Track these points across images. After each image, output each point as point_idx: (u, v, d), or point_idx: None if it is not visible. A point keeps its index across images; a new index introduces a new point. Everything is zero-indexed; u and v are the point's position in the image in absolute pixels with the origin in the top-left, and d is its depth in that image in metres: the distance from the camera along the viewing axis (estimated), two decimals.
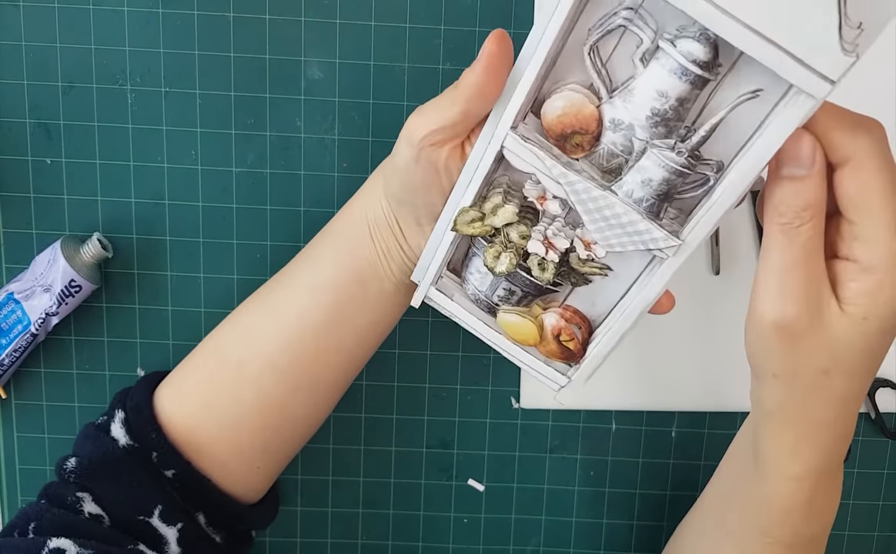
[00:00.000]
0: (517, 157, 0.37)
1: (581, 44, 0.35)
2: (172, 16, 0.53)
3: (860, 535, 0.60)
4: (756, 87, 0.33)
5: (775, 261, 0.35)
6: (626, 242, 0.36)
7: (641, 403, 0.58)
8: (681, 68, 0.33)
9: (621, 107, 0.35)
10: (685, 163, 0.34)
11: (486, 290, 0.42)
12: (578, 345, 0.41)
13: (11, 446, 0.58)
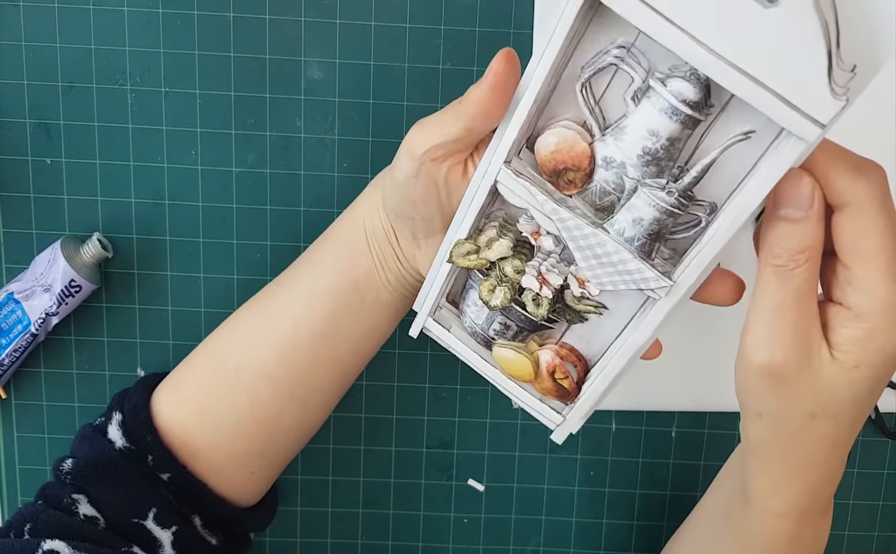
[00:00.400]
0: (510, 191, 0.37)
1: (574, 80, 0.35)
2: (172, 16, 0.53)
3: (860, 535, 0.60)
4: (748, 129, 0.33)
5: (767, 302, 0.34)
6: (617, 281, 0.36)
7: (641, 403, 0.58)
8: (671, 108, 0.33)
9: (613, 145, 0.35)
10: (675, 203, 0.34)
11: (482, 323, 0.41)
12: (573, 384, 0.41)
13: (11, 446, 0.58)
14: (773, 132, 0.32)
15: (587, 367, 0.41)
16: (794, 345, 0.34)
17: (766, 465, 0.38)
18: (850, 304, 0.34)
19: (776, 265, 0.34)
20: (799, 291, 0.34)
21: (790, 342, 0.34)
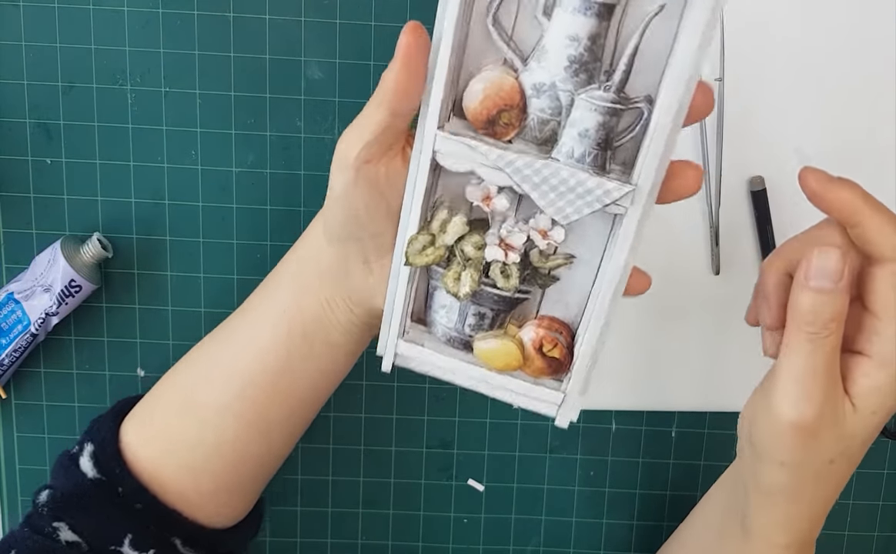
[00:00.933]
0: (451, 156, 0.35)
1: (483, 21, 0.34)
2: (172, 16, 0.53)
3: (860, 535, 0.60)
4: (660, 3, 0.32)
5: (799, 366, 0.36)
6: (580, 206, 0.34)
7: (641, 403, 0.58)
8: (583, 3, 0.33)
9: (538, 69, 0.34)
10: (615, 98, 0.34)
11: (455, 324, 0.39)
12: (564, 350, 0.39)
13: (11, 446, 0.58)
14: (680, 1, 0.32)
15: (572, 331, 0.39)
16: (825, 403, 0.36)
17: (777, 504, 0.40)
18: (874, 353, 0.37)
19: (810, 333, 0.36)
20: (829, 355, 0.36)
21: (821, 401, 0.36)
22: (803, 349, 0.36)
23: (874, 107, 0.54)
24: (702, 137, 0.53)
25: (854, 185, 0.37)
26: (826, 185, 0.37)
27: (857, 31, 0.53)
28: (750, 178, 0.54)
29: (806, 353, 0.36)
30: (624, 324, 0.56)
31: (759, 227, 0.55)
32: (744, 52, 0.53)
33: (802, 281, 0.36)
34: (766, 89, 0.54)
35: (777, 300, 0.39)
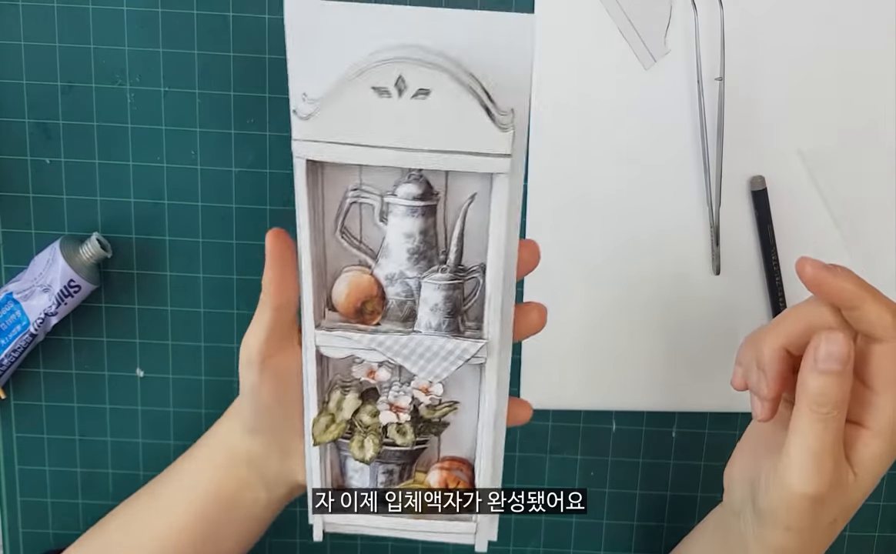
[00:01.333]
0: (332, 347, 0.41)
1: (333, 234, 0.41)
2: (171, 15, 0.53)
3: (860, 535, 0.60)
4: (471, 192, 0.39)
5: (811, 444, 0.39)
6: (447, 366, 0.41)
7: (641, 403, 0.58)
8: (409, 209, 0.39)
9: (387, 263, 0.41)
10: (451, 276, 0.40)
11: (370, 484, 0.44)
12: (468, 483, 0.44)
13: (10, 446, 0.58)
14: (488, 184, 0.38)
15: (471, 465, 0.44)
16: (833, 476, 0.39)
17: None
18: (872, 424, 0.40)
19: (822, 413, 0.39)
20: (838, 431, 0.39)
21: (830, 474, 0.39)
22: (816, 428, 0.39)
23: (875, 106, 0.54)
24: (702, 137, 0.53)
25: (850, 273, 0.40)
26: (825, 276, 0.39)
27: (857, 30, 0.53)
28: (750, 178, 0.54)
29: (818, 432, 0.39)
30: (624, 324, 0.56)
31: (759, 227, 0.55)
32: (744, 52, 0.53)
33: (812, 365, 0.38)
34: (766, 89, 0.54)
35: (774, 373, 0.41)
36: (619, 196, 0.55)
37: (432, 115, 0.36)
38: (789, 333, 0.41)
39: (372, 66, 0.36)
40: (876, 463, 0.40)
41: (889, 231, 0.55)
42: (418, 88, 0.36)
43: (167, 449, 0.58)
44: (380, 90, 0.36)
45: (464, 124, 0.36)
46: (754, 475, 0.43)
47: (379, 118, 0.36)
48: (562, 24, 0.53)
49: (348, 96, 0.36)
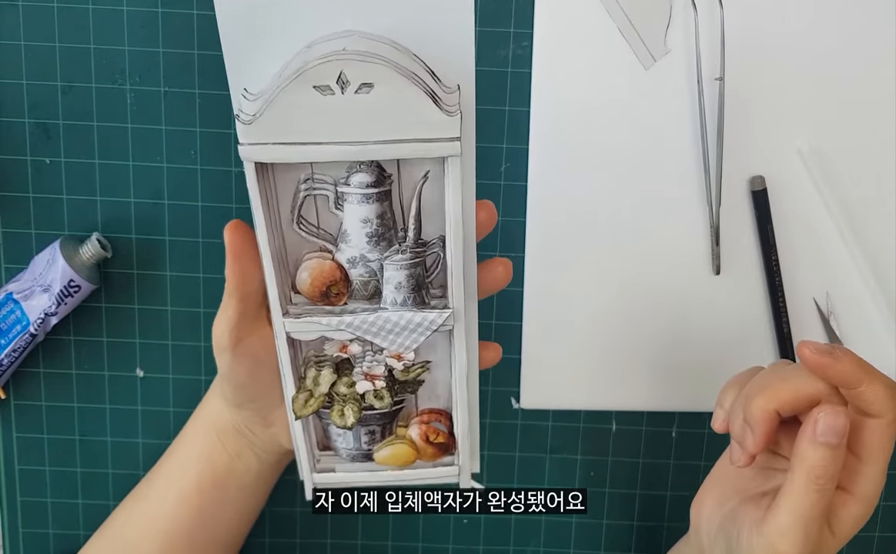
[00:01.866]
0: (302, 332, 0.42)
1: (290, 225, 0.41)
2: (172, 15, 0.53)
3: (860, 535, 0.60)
4: (424, 171, 0.40)
5: (804, 512, 0.40)
6: (416, 338, 0.42)
7: (641, 403, 0.58)
8: (363, 196, 0.40)
9: (347, 248, 0.42)
10: (411, 255, 0.41)
11: (354, 444, 0.46)
12: (446, 434, 0.45)
13: (10, 446, 0.58)
14: (440, 163, 0.39)
15: (449, 414, 0.45)
16: (817, 541, 0.41)
17: None
18: (856, 491, 0.42)
19: (819, 484, 0.40)
20: (827, 500, 0.40)
21: (815, 540, 0.41)
22: (810, 498, 0.40)
23: (875, 106, 0.54)
24: (702, 137, 0.53)
25: (850, 354, 0.41)
26: (828, 362, 0.40)
27: (857, 30, 0.53)
28: (750, 178, 0.54)
29: (812, 501, 0.40)
30: (624, 324, 0.56)
31: (759, 227, 0.55)
32: (744, 52, 0.53)
33: (812, 436, 0.40)
34: (766, 89, 0.54)
35: (762, 432, 0.42)
36: (618, 196, 0.55)
37: (378, 107, 0.36)
38: (782, 399, 0.41)
39: (311, 66, 0.35)
40: (854, 526, 0.42)
41: (889, 231, 0.55)
42: (361, 83, 0.36)
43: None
44: (322, 88, 0.36)
45: (411, 113, 0.36)
46: (727, 522, 0.45)
47: (324, 115, 0.36)
48: (562, 24, 0.53)
49: (290, 97, 0.36)
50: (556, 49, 0.53)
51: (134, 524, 0.51)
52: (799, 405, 0.41)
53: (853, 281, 0.56)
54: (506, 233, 0.55)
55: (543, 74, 0.53)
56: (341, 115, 0.36)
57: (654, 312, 0.56)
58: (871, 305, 0.56)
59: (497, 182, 0.55)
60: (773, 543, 0.41)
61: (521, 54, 0.54)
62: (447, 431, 0.45)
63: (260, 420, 0.47)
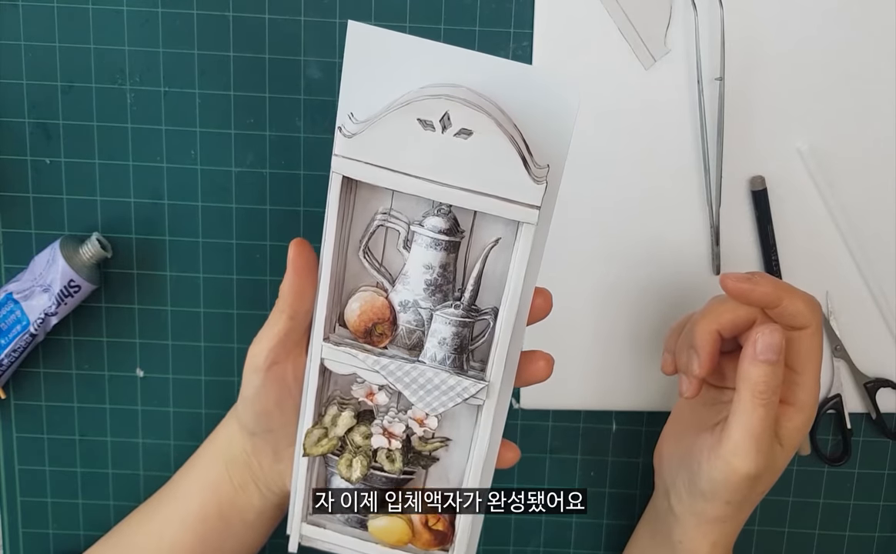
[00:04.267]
0: (336, 362, 0.42)
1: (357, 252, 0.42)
2: (172, 15, 0.53)
3: (860, 535, 0.60)
4: (496, 237, 0.41)
5: (754, 427, 0.43)
6: (445, 401, 0.41)
7: (641, 403, 0.58)
8: (433, 241, 0.41)
9: (403, 290, 0.42)
10: (464, 314, 0.41)
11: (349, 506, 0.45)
12: (447, 524, 0.44)
13: (11, 446, 0.58)
14: (513, 230, 0.40)
15: None
16: (769, 453, 0.44)
17: (713, 530, 0.48)
18: (795, 401, 0.45)
19: (763, 399, 0.43)
20: (773, 414, 0.44)
21: (768, 453, 0.44)
22: (757, 412, 0.43)
23: (875, 106, 0.54)
24: (702, 137, 0.53)
25: (766, 276, 0.45)
26: (747, 286, 0.44)
27: (857, 29, 0.53)
28: (750, 178, 0.54)
29: (760, 416, 0.43)
30: (624, 324, 0.56)
31: (759, 227, 0.55)
32: (744, 52, 0.53)
33: (753, 355, 0.43)
34: (766, 89, 0.54)
35: (707, 353, 0.45)
36: (618, 196, 0.55)
37: (471, 154, 0.37)
38: (721, 319, 0.45)
39: (421, 98, 0.37)
40: (799, 434, 0.46)
41: (889, 231, 0.55)
42: (461, 127, 0.37)
43: (167, 449, 0.58)
44: (424, 123, 0.37)
45: (500, 169, 0.37)
46: (685, 454, 0.48)
47: (419, 149, 0.38)
48: (562, 24, 0.53)
49: (393, 123, 0.37)
50: (556, 49, 0.53)
51: (137, 544, 0.51)
52: (738, 325, 0.45)
53: (853, 281, 0.56)
54: None
55: None
56: (435, 153, 0.38)
57: (655, 312, 0.56)
58: (871, 305, 0.56)
59: None
60: (729, 460, 0.44)
61: (521, 54, 0.54)
62: (448, 521, 0.44)
63: (271, 453, 0.46)
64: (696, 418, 0.49)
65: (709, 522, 0.48)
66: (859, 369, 0.56)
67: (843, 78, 0.54)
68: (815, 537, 0.60)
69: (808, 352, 0.45)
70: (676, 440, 0.50)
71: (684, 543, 0.49)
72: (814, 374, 0.45)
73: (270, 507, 0.49)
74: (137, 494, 0.58)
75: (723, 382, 0.48)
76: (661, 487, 0.51)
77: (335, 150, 0.38)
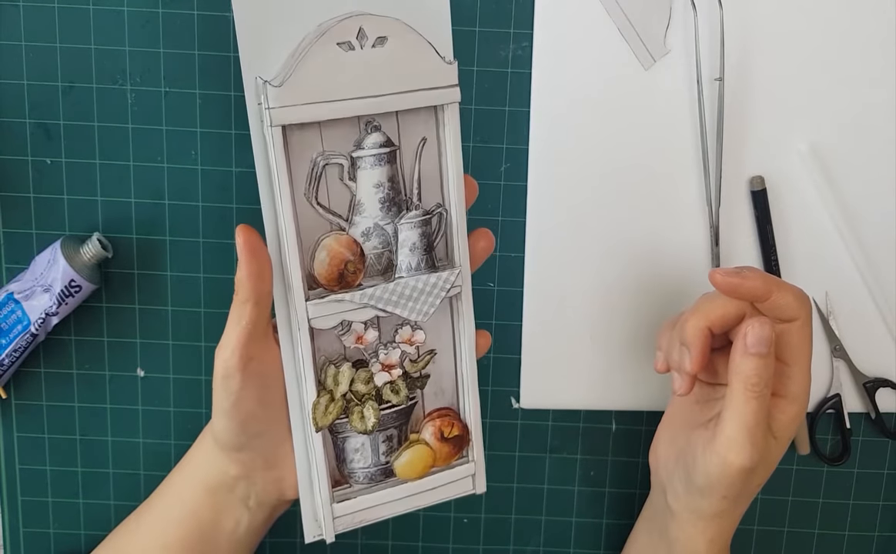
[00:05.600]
0: (325, 316, 0.42)
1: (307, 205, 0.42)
2: (172, 16, 0.53)
3: (860, 535, 0.60)
4: (421, 137, 0.42)
5: (747, 420, 0.43)
6: (432, 301, 0.43)
7: (641, 403, 0.58)
8: (377, 158, 0.42)
9: (360, 220, 0.43)
10: (422, 212, 0.43)
11: (372, 460, 0.45)
12: (461, 427, 0.45)
13: (11, 446, 0.58)
14: (433, 126, 0.42)
15: (456, 411, 0.46)
16: (763, 446, 0.44)
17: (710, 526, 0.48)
18: (787, 393, 0.45)
19: (756, 391, 0.43)
20: (766, 407, 0.44)
21: (761, 446, 0.44)
22: (751, 406, 0.43)
23: (874, 106, 0.54)
24: (702, 137, 0.53)
25: (755, 271, 0.45)
26: (736, 281, 0.44)
27: (857, 29, 0.53)
28: (750, 178, 0.54)
29: (753, 408, 0.43)
30: (624, 324, 0.56)
31: (759, 227, 0.55)
32: (744, 52, 0.53)
33: (744, 349, 0.43)
34: (766, 89, 0.54)
35: (698, 349, 0.45)
36: (618, 196, 0.55)
37: (390, 59, 0.40)
38: (711, 316, 0.45)
39: (334, 23, 0.39)
40: (792, 426, 0.46)
41: (889, 231, 0.55)
42: (377, 37, 0.39)
43: (168, 449, 0.58)
44: (344, 44, 0.39)
45: (418, 64, 0.40)
46: (681, 451, 0.48)
47: (345, 71, 0.39)
48: (562, 25, 0.53)
49: (316, 56, 0.39)
50: (556, 49, 0.53)
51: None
52: (728, 321, 0.45)
53: (853, 281, 0.56)
54: (506, 233, 0.56)
55: (543, 75, 0.54)
56: (360, 69, 0.39)
57: (655, 312, 0.56)
58: (871, 305, 0.56)
59: (497, 182, 0.55)
60: (724, 455, 0.44)
61: (521, 54, 0.54)
62: (461, 424, 0.45)
63: (262, 462, 0.44)
64: (690, 416, 0.49)
65: (705, 519, 0.48)
66: (859, 369, 0.56)
67: (843, 78, 0.54)
68: (815, 537, 0.60)
69: (798, 344, 0.45)
70: (671, 438, 0.50)
71: (681, 541, 0.49)
72: (805, 366, 0.45)
73: (258, 522, 0.47)
74: (138, 493, 0.58)
75: (715, 378, 0.48)
76: (658, 486, 0.51)
77: (268, 103, 0.39)
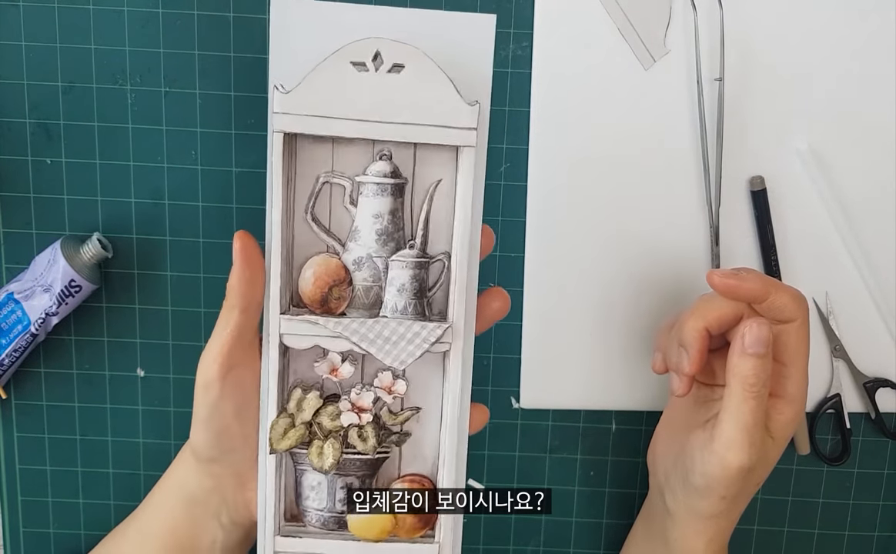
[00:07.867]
0: (296, 335, 0.40)
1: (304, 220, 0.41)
2: (172, 16, 0.53)
3: (860, 535, 0.60)
4: (437, 178, 0.41)
5: (745, 419, 0.43)
6: (413, 350, 0.40)
7: (641, 403, 0.58)
8: (379, 187, 0.40)
9: (355, 247, 0.41)
10: (419, 253, 0.41)
11: (327, 503, 0.42)
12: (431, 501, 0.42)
13: (11, 446, 0.58)
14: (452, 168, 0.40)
15: (434, 482, 0.42)
16: (761, 446, 0.44)
17: (707, 526, 0.48)
18: (785, 394, 0.45)
19: (754, 391, 0.43)
20: (764, 407, 0.44)
21: (760, 445, 0.44)
22: (749, 405, 0.43)
23: (874, 106, 0.54)
24: (701, 137, 0.53)
25: (752, 272, 0.45)
26: (735, 282, 0.44)
27: (857, 30, 0.53)
28: (750, 178, 0.54)
29: (751, 409, 0.43)
30: (624, 324, 0.56)
31: (759, 227, 0.55)
32: (744, 52, 0.53)
33: (742, 349, 0.43)
34: (766, 89, 0.54)
35: (696, 350, 0.45)
36: (618, 196, 0.55)
37: (405, 88, 0.38)
38: (709, 316, 0.45)
39: (351, 43, 0.38)
40: (790, 427, 0.46)
41: (889, 231, 0.55)
42: (393, 63, 0.38)
43: (168, 449, 0.58)
44: (357, 64, 0.38)
45: (434, 97, 0.38)
46: (679, 452, 0.48)
47: (355, 91, 0.38)
48: (562, 25, 0.53)
49: (328, 70, 0.38)
50: (556, 49, 0.53)
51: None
52: (725, 321, 0.45)
53: (853, 281, 0.56)
54: (506, 233, 0.56)
55: (543, 74, 0.54)
56: (372, 93, 0.38)
57: (654, 312, 0.56)
58: (871, 305, 0.56)
59: (497, 182, 0.55)
60: (722, 455, 0.44)
61: (521, 54, 0.54)
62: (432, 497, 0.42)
63: (235, 480, 0.44)
64: (688, 416, 0.49)
65: (704, 519, 0.48)
66: (859, 369, 0.56)
67: (843, 78, 0.54)
68: (815, 537, 0.60)
69: (795, 345, 0.45)
70: (670, 439, 0.50)
71: (680, 542, 0.49)
72: (802, 366, 0.45)
73: (234, 542, 0.46)
74: (138, 493, 0.58)
75: (713, 379, 0.49)
76: (656, 487, 0.51)
77: (274, 108, 0.38)
